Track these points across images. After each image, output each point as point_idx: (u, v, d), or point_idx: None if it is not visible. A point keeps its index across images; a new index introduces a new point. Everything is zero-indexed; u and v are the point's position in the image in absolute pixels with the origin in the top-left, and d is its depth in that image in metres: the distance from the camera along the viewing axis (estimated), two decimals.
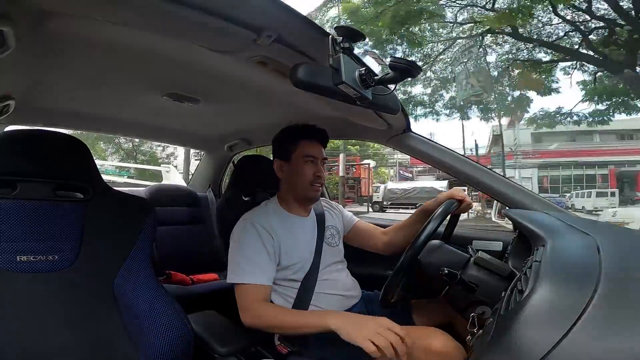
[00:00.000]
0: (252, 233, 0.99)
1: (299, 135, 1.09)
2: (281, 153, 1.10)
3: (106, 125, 1.60)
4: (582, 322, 0.36)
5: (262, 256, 0.98)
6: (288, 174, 1.09)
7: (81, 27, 0.69)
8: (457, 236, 1.10)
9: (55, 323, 0.75)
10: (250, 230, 1.00)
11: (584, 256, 0.57)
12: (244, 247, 0.98)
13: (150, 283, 0.87)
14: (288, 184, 1.11)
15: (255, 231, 0.99)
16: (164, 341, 0.80)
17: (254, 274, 0.95)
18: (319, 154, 1.09)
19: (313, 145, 1.08)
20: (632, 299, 0.39)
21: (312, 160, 1.07)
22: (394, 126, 1.17)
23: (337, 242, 1.17)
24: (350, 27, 0.58)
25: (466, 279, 0.78)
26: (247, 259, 0.96)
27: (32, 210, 0.78)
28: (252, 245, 0.98)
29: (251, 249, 0.97)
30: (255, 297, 0.94)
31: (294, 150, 1.07)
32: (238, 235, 1.01)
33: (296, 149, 1.07)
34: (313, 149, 1.08)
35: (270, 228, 1.01)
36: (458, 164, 1.19)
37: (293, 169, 1.07)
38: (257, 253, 0.97)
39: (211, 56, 0.78)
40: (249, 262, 0.96)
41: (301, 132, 1.10)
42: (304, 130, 1.10)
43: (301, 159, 1.06)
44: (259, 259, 0.97)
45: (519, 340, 0.37)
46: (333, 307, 1.04)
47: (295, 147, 1.07)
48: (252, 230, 0.99)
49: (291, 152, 1.08)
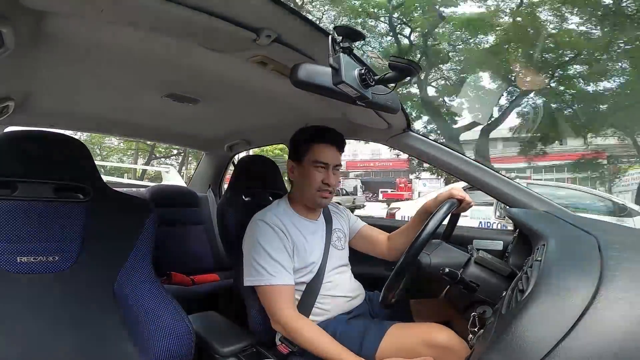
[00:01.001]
0: (269, 232, 0.97)
1: (313, 138, 1.05)
2: (295, 154, 1.08)
3: (106, 126, 1.60)
4: (583, 321, 0.36)
5: (283, 255, 0.95)
6: (298, 177, 1.07)
7: (81, 28, 0.69)
8: (457, 235, 1.10)
9: (55, 324, 0.75)
10: (266, 230, 0.97)
11: (585, 255, 0.57)
12: (263, 247, 0.95)
13: (151, 283, 0.87)
14: (298, 187, 1.09)
15: (272, 230, 0.97)
16: (164, 341, 0.80)
17: (279, 274, 0.93)
18: (332, 159, 1.04)
19: (326, 150, 1.04)
20: (634, 299, 0.39)
21: (322, 166, 1.03)
22: (393, 126, 1.17)
23: (343, 245, 1.16)
24: (350, 27, 0.58)
25: (467, 278, 0.78)
26: (268, 259, 0.94)
27: (32, 211, 0.78)
28: (271, 245, 0.95)
29: (273, 249, 0.95)
30: (285, 300, 0.91)
31: (305, 153, 1.04)
32: (254, 236, 0.98)
33: (308, 152, 1.04)
34: (325, 154, 1.04)
35: (285, 228, 0.99)
36: (458, 163, 1.19)
37: (303, 172, 1.05)
38: (277, 252, 0.95)
39: (211, 56, 0.78)
40: (270, 262, 0.93)
41: (315, 135, 1.06)
42: (319, 133, 1.06)
43: (311, 164, 1.03)
44: (280, 258, 0.95)
45: (520, 340, 0.37)
46: (337, 308, 1.03)
47: (307, 150, 1.04)
48: (269, 230, 0.97)
49: (303, 155, 1.05)
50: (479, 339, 0.65)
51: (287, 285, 0.94)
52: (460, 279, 0.77)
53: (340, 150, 1.08)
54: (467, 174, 1.19)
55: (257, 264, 0.94)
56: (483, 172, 1.18)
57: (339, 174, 1.09)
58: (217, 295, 1.63)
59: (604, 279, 0.44)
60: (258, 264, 0.94)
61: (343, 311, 1.05)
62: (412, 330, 0.89)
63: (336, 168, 1.07)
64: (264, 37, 0.67)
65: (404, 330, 0.91)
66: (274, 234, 0.97)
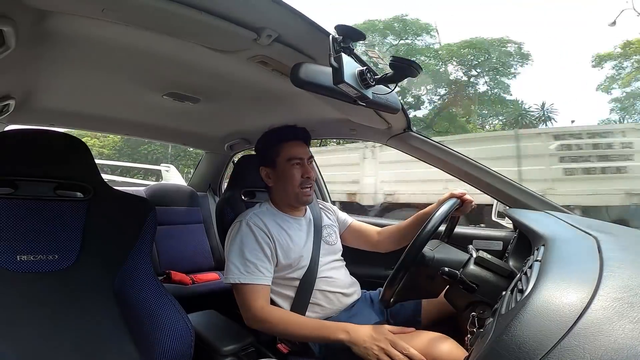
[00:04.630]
0: (247, 233, 0.98)
1: (280, 138, 1.06)
2: (265, 160, 1.08)
3: (106, 124, 1.60)
4: (583, 322, 0.36)
5: (259, 256, 0.97)
6: (276, 181, 1.07)
7: (81, 27, 0.69)
8: (457, 235, 1.10)
9: (55, 322, 0.75)
10: (245, 231, 0.99)
11: (584, 256, 0.57)
12: (240, 248, 0.97)
13: (151, 282, 0.87)
14: (278, 191, 1.09)
15: (250, 231, 0.99)
16: (164, 340, 0.80)
17: (252, 274, 0.95)
18: (304, 153, 1.06)
19: (296, 146, 1.05)
20: (633, 299, 0.39)
21: (297, 162, 1.04)
22: (394, 126, 1.17)
23: (335, 240, 1.17)
24: (351, 27, 0.58)
25: (466, 278, 0.78)
26: (244, 259, 0.96)
27: (32, 209, 0.78)
28: (249, 246, 0.97)
29: (248, 249, 0.97)
30: (255, 298, 0.93)
31: (277, 155, 1.05)
32: (233, 237, 1.00)
33: (279, 153, 1.04)
34: (297, 149, 1.05)
35: (265, 227, 1.00)
36: (458, 163, 1.19)
37: (280, 174, 1.05)
38: (253, 253, 0.97)
39: (211, 56, 0.78)
40: (246, 262, 0.95)
41: (281, 135, 1.07)
42: (284, 132, 1.07)
43: (287, 163, 1.04)
44: (255, 259, 0.96)
45: (519, 340, 0.37)
46: (333, 304, 1.04)
47: (278, 151, 1.04)
48: (247, 231, 0.99)
49: (275, 158, 1.05)
50: (477, 339, 0.65)
51: (259, 284, 0.95)
52: (459, 279, 0.77)
53: (308, 145, 1.10)
54: (467, 174, 1.19)
55: (232, 263, 0.96)
56: (483, 172, 1.18)
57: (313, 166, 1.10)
58: (217, 294, 1.63)
59: (603, 279, 0.44)
60: (232, 263, 0.96)
61: (341, 307, 1.05)
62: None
63: (309, 161, 1.08)
64: (265, 37, 0.67)
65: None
66: (251, 234, 0.98)
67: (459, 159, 1.19)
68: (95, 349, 0.77)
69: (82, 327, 0.77)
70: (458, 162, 1.19)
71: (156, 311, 0.83)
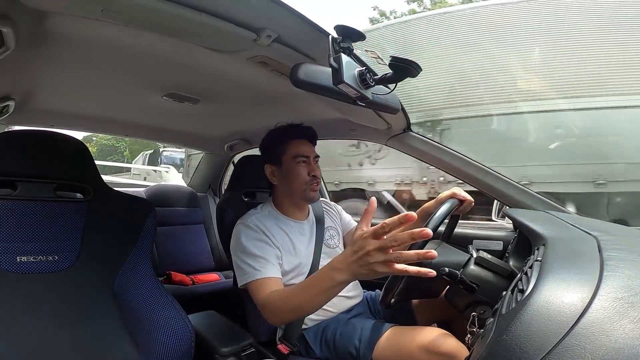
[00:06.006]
0: (251, 233, 0.97)
1: (287, 136, 1.06)
2: (271, 158, 1.07)
3: (106, 125, 1.60)
4: (584, 322, 0.36)
5: (268, 249, 0.95)
6: (281, 179, 1.06)
7: (81, 27, 0.69)
8: (457, 235, 1.10)
9: (55, 323, 0.75)
10: (248, 232, 0.97)
11: (585, 255, 0.57)
12: (246, 248, 0.94)
13: (151, 283, 0.87)
14: (283, 189, 1.07)
15: (253, 231, 0.97)
16: (164, 341, 0.80)
17: (263, 269, 0.91)
18: (311, 152, 1.06)
19: (303, 144, 1.05)
20: (634, 299, 0.39)
21: (304, 160, 1.03)
22: (393, 126, 1.17)
23: (337, 244, 1.15)
24: (350, 27, 0.58)
25: (467, 278, 0.78)
26: (252, 257, 0.93)
27: (32, 210, 0.78)
28: (255, 244, 0.95)
29: (254, 246, 0.94)
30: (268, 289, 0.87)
31: (283, 152, 1.04)
32: (237, 239, 0.97)
33: (285, 151, 1.04)
34: (303, 147, 1.04)
35: (268, 231, 0.98)
36: (458, 164, 1.19)
37: (286, 172, 1.04)
38: (260, 249, 0.94)
39: (211, 56, 0.78)
40: (255, 260, 0.92)
41: (288, 133, 1.06)
42: (291, 130, 1.07)
43: (293, 161, 1.03)
44: (263, 253, 0.94)
45: (520, 340, 0.37)
46: (335, 307, 1.03)
47: (284, 149, 1.04)
48: (250, 232, 0.97)
49: (281, 155, 1.04)
50: (478, 339, 0.65)
51: (273, 277, 0.91)
52: (460, 279, 0.77)
53: (314, 143, 1.10)
54: (468, 174, 1.19)
55: (243, 262, 0.93)
56: (483, 172, 1.18)
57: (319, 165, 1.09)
58: (217, 295, 1.63)
59: (604, 279, 0.44)
60: (244, 262, 0.93)
61: (342, 310, 1.05)
62: (413, 335, 0.86)
63: (316, 160, 1.07)
64: (264, 37, 0.67)
65: (404, 333, 0.89)
66: (254, 234, 0.96)
67: (459, 159, 1.19)
68: (96, 349, 0.77)
69: (82, 327, 0.77)
70: (458, 162, 1.19)
71: (156, 312, 0.83)
